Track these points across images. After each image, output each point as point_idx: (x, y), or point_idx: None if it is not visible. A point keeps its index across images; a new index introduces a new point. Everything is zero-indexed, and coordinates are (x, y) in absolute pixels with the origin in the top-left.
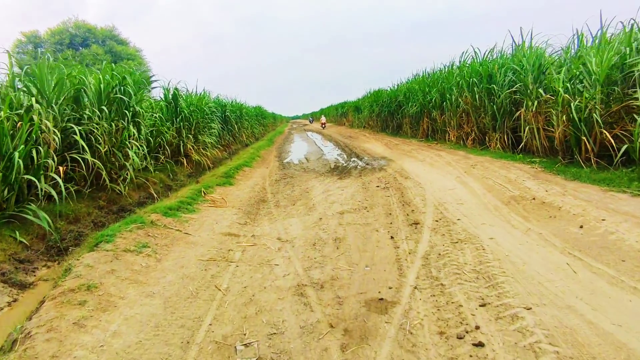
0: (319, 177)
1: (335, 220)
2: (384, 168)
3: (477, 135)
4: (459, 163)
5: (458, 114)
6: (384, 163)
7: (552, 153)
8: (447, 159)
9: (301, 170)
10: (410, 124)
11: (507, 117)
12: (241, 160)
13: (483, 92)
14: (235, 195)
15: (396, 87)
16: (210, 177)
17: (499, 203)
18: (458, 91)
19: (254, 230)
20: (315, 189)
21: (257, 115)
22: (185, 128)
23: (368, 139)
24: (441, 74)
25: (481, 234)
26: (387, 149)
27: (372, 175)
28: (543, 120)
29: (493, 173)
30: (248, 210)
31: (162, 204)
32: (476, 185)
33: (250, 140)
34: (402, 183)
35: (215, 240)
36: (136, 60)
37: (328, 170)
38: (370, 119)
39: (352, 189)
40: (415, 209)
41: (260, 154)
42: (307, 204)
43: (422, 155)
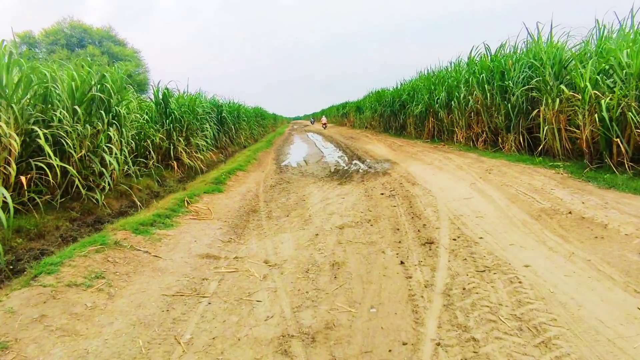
0: (318, 183)
1: (334, 236)
2: (388, 172)
3: (488, 136)
4: (471, 167)
5: (467, 113)
6: (388, 166)
7: (576, 156)
8: (458, 162)
9: (299, 174)
10: (415, 124)
11: (522, 116)
12: (235, 164)
13: (495, 90)
14: (224, 204)
15: (400, 86)
16: (199, 183)
17: (527, 217)
18: (467, 89)
19: (239, 249)
20: (312, 196)
21: (256, 116)
22: (176, 130)
23: (370, 140)
24: (448, 72)
25: (513, 259)
26: (390, 150)
27: (376, 181)
28: (565, 119)
29: (513, 179)
30: (235, 224)
31: (133, 219)
32: (496, 194)
33: (249, 142)
34: (409, 190)
35: (189, 265)
36: (134, 61)
37: (328, 174)
38: (373, 120)
39: (354, 197)
40: (428, 224)
41: (257, 157)
42: (303, 215)
43: (429, 158)
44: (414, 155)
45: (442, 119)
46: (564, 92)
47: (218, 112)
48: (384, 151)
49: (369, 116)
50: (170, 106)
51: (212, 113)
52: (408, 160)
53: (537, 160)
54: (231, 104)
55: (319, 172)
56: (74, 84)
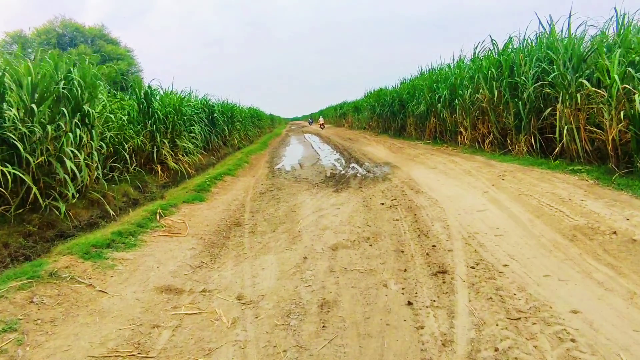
0: (312, 189)
1: (325, 261)
2: (389, 177)
3: (496, 137)
4: (480, 172)
5: (472, 112)
6: (388, 170)
7: (596, 159)
8: (465, 167)
9: (292, 179)
10: (415, 124)
11: (533, 115)
12: (224, 168)
13: (504, 87)
14: (204, 216)
15: (399, 85)
16: (180, 190)
17: (558, 237)
18: (472, 86)
19: (209, 278)
20: (304, 206)
21: (252, 116)
22: (160, 132)
23: (369, 141)
24: (451, 69)
25: (554, 300)
26: (390, 152)
27: (375, 187)
28: (584, 118)
29: (532, 187)
30: (212, 241)
31: (86, 239)
32: (515, 206)
33: (243, 144)
34: (413, 199)
35: (141, 303)
36: (126, 60)
37: (323, 179)
38: (371, 120)
39: (350, 207)
40: (438, 244)
41: (249, 160)
42: (292, 231)
43: (432, 161)
44: (415, 158)
45: (444, 119)
46: (584, 87)
47: (209, 112)
48: (383, 153)
49: (367, 117)
50: (154, 106)
51: (202, 113)
52: (409, 164)
53: (554, 164)
54: (224, 104)
55: (313, 177)
56: (30, 79)
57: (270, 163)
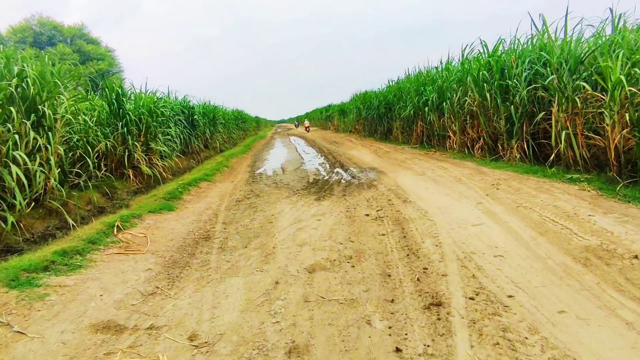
0: (292, 197)
1: (300, 287)
2: (374, 184)
3: (486, 142)
4: (472, 179)
5: (461, 116)
6: (374, 176)
7: (593, 167)
8: (455, 174)
9: (272, 185)
10: (402, 128)
11: (526, 120)
12: (201, 173)
13: (495, 90)
14: (169, 228)
15: (385, 88)
16: (148, 198)
17: (568, 260)
18: (461, 89)
19: (161, 310)
20: (283, 216)
21: (236, 119)
22: (133, 134)
23: (354, 144)
24: (439, 71)
25: (578, 350)
26: (376, 157)
27: (360, 195)
28: (582, 123)
29: (531, 199)
30: (173, 260)
31: (16, 262)
32: (514, 220)
33: (226, 147)
34: (400, 210)
35: (66, 349)
36: (107, 60)
37: (305, 185)
38: (357, 123)
39: (333, 219)
40: (429, 266)
41: (230, 163)
42: (266, 247)
43: (419, 167)
44: (402, 164)
45: (432, 122)
46: (582, 90)
47: (189, 114)
48: (368, 158)
49: (353, 120)
50: (125, 106)
51: (181, 115)
52: (396, 170)
53: (550, 172)
54: (206, 106)
55: (295, 182)
56: None
57: (252, 167)
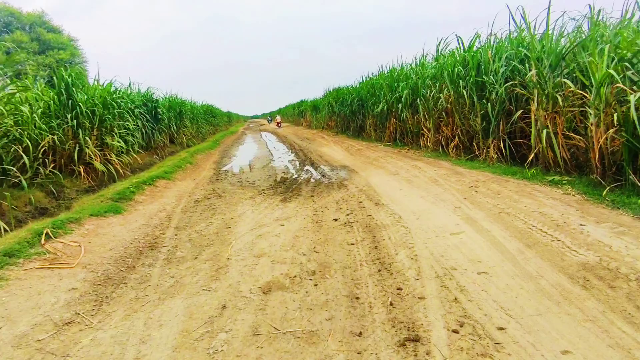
0: (257, 198)
1: (250, 314)
2: (345, 184)
3: (461, 140)
4: (448, 181)
5: (436, 113)
6: (345, 175)
7: (574, 169)
8: (430, 174)
9: (237, 184)
10: (375, 125)
11: (503, 118)
12: (160, 170)
13: (470, 86)
14: (112, 235)
15: (358, 84)
16: (95, 199)
17: (564, 281)
18: (436, 86)
19: (75, 346)
20: (243, 220)
21: (206, 113)
22: (85, 128)
23: (326, 141)
24: (412, 68)
25: None
26: (348, 154)
27: (329, 197)
28: (563, 123)
29: (514, 204)
30: (107, 276)
31: None
32: (497, 228)
33: (194, 142)
34: (372, 215)
35: None
36: (69, 50)
37: (272, 184)
38: (330, 120)
39: (297, 224)
40: (404, 286)
41: (194, 160)
42: (219, 258)
43: (393, 166)
44: (375, 162)
45: (405, 120)
46: (564, 87)
47: (152, 107)
48: (340, 155)
49: (325, 116)
50: (75, 97)
51: (143, 108)
52: (369, 168)
53: (529, 174)
54: (172, 100)
55: (262, 181)
56: None
57: (218, 164)
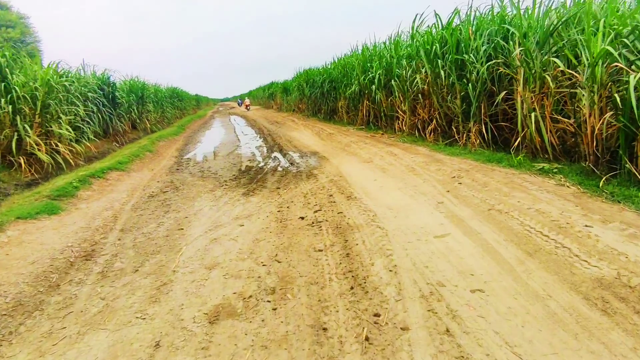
0: (217, 190)
1: (190, 357)
2: (315, 173)
3: (439, 124)
4: (427, 169)
5: (411, 95)
6: (315, 163)
7: (563, 155)
8: (407, 161)
9: (198, 174)
10: (347, 108)
11: (484, 100)
12: (113, 161)
13: (449, 65)
14: (39, 243)
15: (330, 65)
16: (29, 196)
17: (579, 302)
18: (412, 66)
19: None
20: (199, 219)
21: (172, 97)
22: (26, 114)
23: (297, 125)
24: (386, 47)
25: None
26: (319, 139)
27: (296, 188)
28: (551, 105)
29: (505, 199)
30: (19, 301)
31: None
32: (488, 230)
33: (158, 127)
34: (343, 212)
35: None
36: (19, 28)
37: (235, 175)
38: (301, 102)
39: (259, 224)
40: (383, 312)
41: (155, 147)
42: (163, 270)
43: (366, 152)
44: (347, 148)
45: (379, 102)
46: (552, 66)
47: (110, 91)
48: (311, 140)
49: (296, 98)
50: (10, 80)
51: (99, 92)
52: (340, 155)
53: (516, 161)
54: (133, 83)
55: (225, 171)
56: None
57: (181, 151)
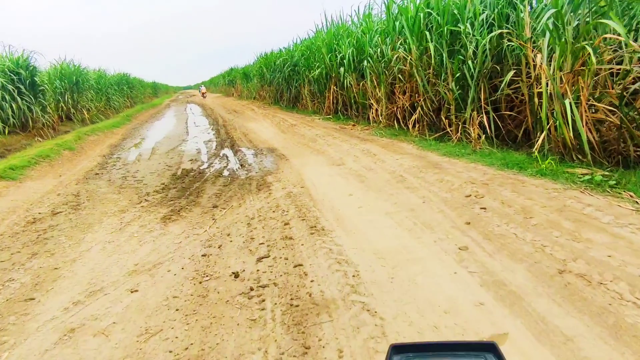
0: (130, 211)
1: None
2: (268, 181)
3: (426, 113)
4: (424, 180)
5: (389, 78)
6: (270, 165)
7: (603, 155)
8: (391, 164)
9: (119, 182)
10: (312, 94)
11: (484, 82)
12: (5, 165)
13: (442, 40)
14: None
15: (292, 47)
16: None
17: None
18: (389, 42)
19: None
20: (75, 272)
21: (119, 84)
22: None
23: (255, 114)
24: (355, 23)
25: None
26: (279, 132)
27: (240, 208)
28: (588, 88)
29: (576, 247)
30: None
31: None
32: (598, 336)
33: (101, 118)
34: (305, 265)
35: None
36: None
37: (165, 183)
38: (262, 89)
39: (166, 286)
40: None
41: (79, 144)
42: None
43: (336, 150)
44: (312, 143)
45: (349, 87)
46: (594, 33)
47: (29, 76)
48: (269, 133)
49: (257, 85)
50: None
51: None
52: (303, 153)
53: (544, 166)
54: (65, 67)
55: (155, 177)
56: None
57: (114, 148)
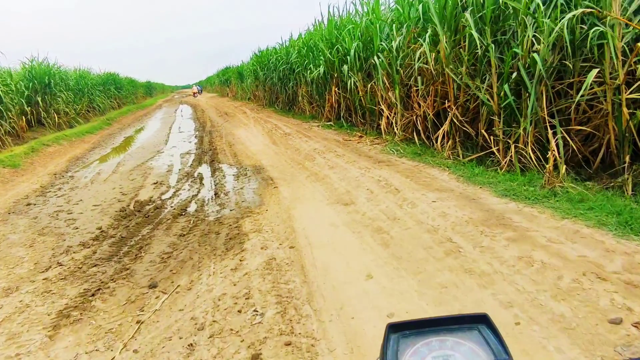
0: (23, 288)
1: None
2: (244, 231)
3: (458, 128)
4: (494, 254)
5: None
6: (252, 198)
7: None
8: (424, 209)
9: (44, 222)
10: (310, 96)
11: (545, 86)
12: None
13: (483, 27)
14: None
15: (288, 44)
16: None
17: None
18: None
19: None
20: None
21: (105, 84)
22: None
23: (247, 118)
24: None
25: None
26: (270, 143)
27: (189, 293)
28: None
29: None
30: None
31: None
32: None
33: (79, 121)
34: None
35: None
36: None
37: (100, 229)
38: (257, 90)
39: None
40: None
41: (27, 159)
42: None
43: (340, 175)
44: (308, 162)
45: (353, 89)
46: None
47: None
48: (259, 144)
49: (251, 85)
50: None
51: None
52: (297, 178)
53: None
54: (34, 68)
55: (94, 215)
56: None
57: (73, 163)
